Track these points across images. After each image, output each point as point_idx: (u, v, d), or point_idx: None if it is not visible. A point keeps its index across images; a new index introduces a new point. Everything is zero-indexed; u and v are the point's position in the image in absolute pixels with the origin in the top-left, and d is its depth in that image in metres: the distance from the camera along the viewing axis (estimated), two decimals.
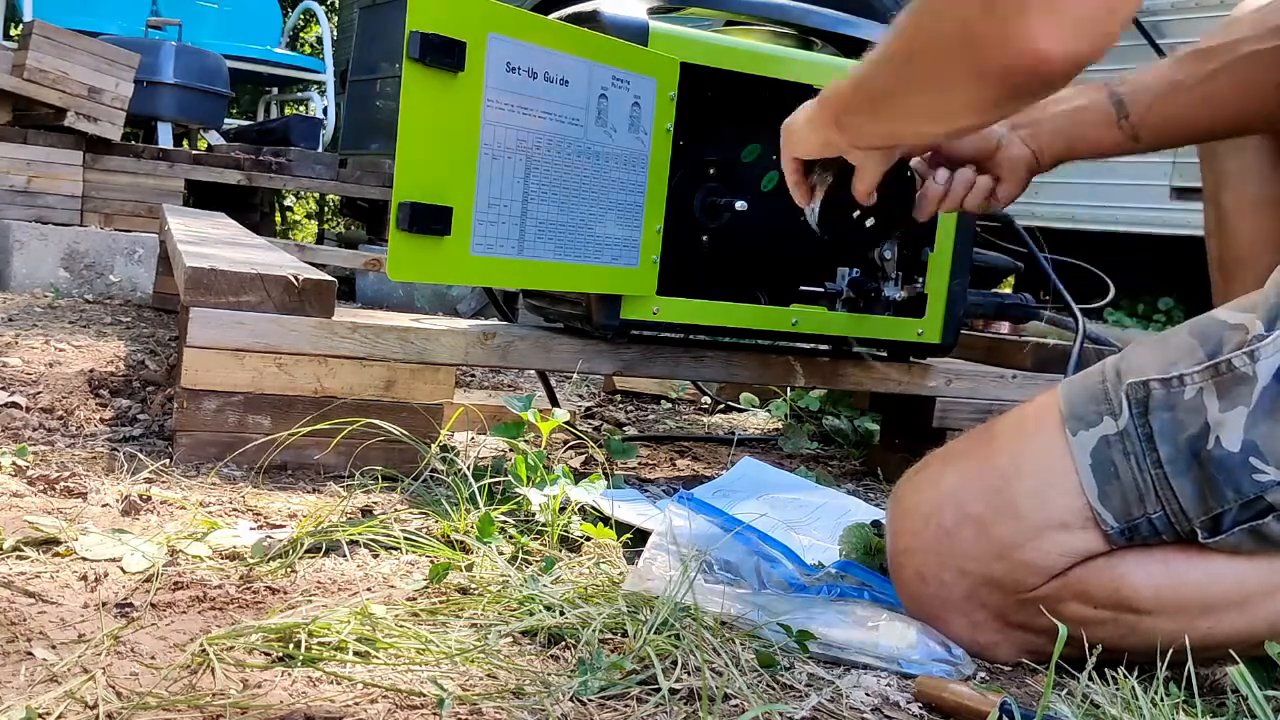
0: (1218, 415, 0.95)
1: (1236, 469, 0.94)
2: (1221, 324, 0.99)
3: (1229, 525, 0.97)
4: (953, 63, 0.91)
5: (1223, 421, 0.95)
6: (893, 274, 1.68)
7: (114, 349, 2.37)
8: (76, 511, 1.20)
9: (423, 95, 1.24)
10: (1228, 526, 0.97)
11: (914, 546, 1.07)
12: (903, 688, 0.96)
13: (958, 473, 1.07)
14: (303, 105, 7.74)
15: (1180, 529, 0.99)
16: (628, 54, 1.44)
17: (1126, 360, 1.02)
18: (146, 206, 4.11)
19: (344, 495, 1.36)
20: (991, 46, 0.86)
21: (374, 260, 3.84)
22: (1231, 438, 0.94)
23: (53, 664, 0.82)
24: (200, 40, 5.92)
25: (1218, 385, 0.96)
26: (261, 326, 1.47)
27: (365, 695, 0.82)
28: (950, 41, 0.90)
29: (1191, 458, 0.96)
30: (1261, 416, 0.94)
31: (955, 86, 0.93)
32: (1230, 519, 0.96)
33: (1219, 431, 0.95)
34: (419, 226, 1.25)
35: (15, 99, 3.88)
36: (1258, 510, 0.95)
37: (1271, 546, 0.97)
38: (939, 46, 0.92)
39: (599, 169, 1.43)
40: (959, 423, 1.83)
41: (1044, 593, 1.02)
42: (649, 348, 1.65)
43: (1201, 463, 0.96)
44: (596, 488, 1.33)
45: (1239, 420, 0.94)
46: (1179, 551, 1.00)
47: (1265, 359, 0.94)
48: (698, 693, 0.86)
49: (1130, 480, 0.98)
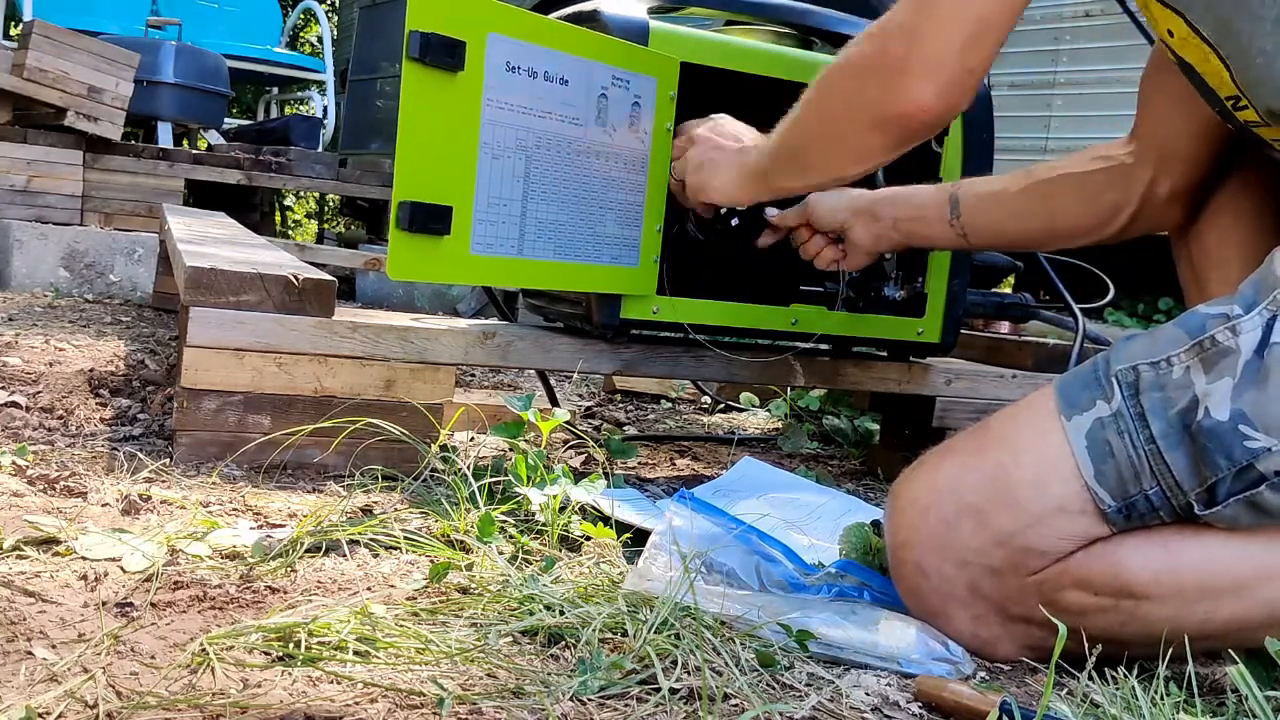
0: (1205, 387, 0.98)
1: (1227, 436, 0.96)
2: (1204, 315, 1.02)
3: (1224, 496, 0.98)
4: (857, 119, 1.17)
5: (1210, 393, 0.98)
6: (892, 273, 1.68)
7: (114, 348, 2.37)
8: (76, 511, 1.20)
9: (423, 95, 1.24)
10: (1223, 497, 0.98)
11: (913, 540, 1.07)
12: (903, 687, 0.96)
13: (955, 465, 1.09)
14: (303, 105, 7.75)
15: (1177, 504, 1.01)
16: (628, 53, 1.44)
17: (1116, 351, 1.05)
18: (146, 206, 4.11)
19: (344, 495, 1.36)
20: (886, 105, 1.13)
21: (374, 260, 3.84)
22: (1220, 407, 0.97)
23: (53, 663, 0.82)
24: (200, 40, 5.92)
25: (1203, 361, 0.99)
26: (261, 326, 1.47)
27: (365, 695, 0.82)
28: (855, 104, 1.17)
29: (1183, 430, 0.99)
30: (1247, 386, 0.96)
31: (861, 136, 1.19)
32: (1225, 489, 0.98)
33: (1207, 403, 0.97)
34: (419, 226, 1.25)
35: (15, 98, 3.88)
36: (1250, 479, 0.97)
37: (1268, 518, 0.99)
38: (846, 108, 1.19)
39: (599, 168, 1.43)
40: (959, 422, 1.83)
41: (1045, 577, 1.03)
42: (649, 347, 1.66)
43: (1193, 434, 0.98)
44: (596, 487, 1.33)
45: (1226, 390, 0.97)
46: (1177, 533, 1.02)
47: (1246, 333, 0.98)
48: (698, 692, 0.86)
49: (1125, 458, 1.01)
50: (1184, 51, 1.14)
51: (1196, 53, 1.11)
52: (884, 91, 1.12)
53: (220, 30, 6.53)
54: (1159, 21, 1.13)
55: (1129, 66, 3.04)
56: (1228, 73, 1.10)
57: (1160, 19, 1.13)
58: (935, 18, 1.09)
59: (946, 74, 1.10)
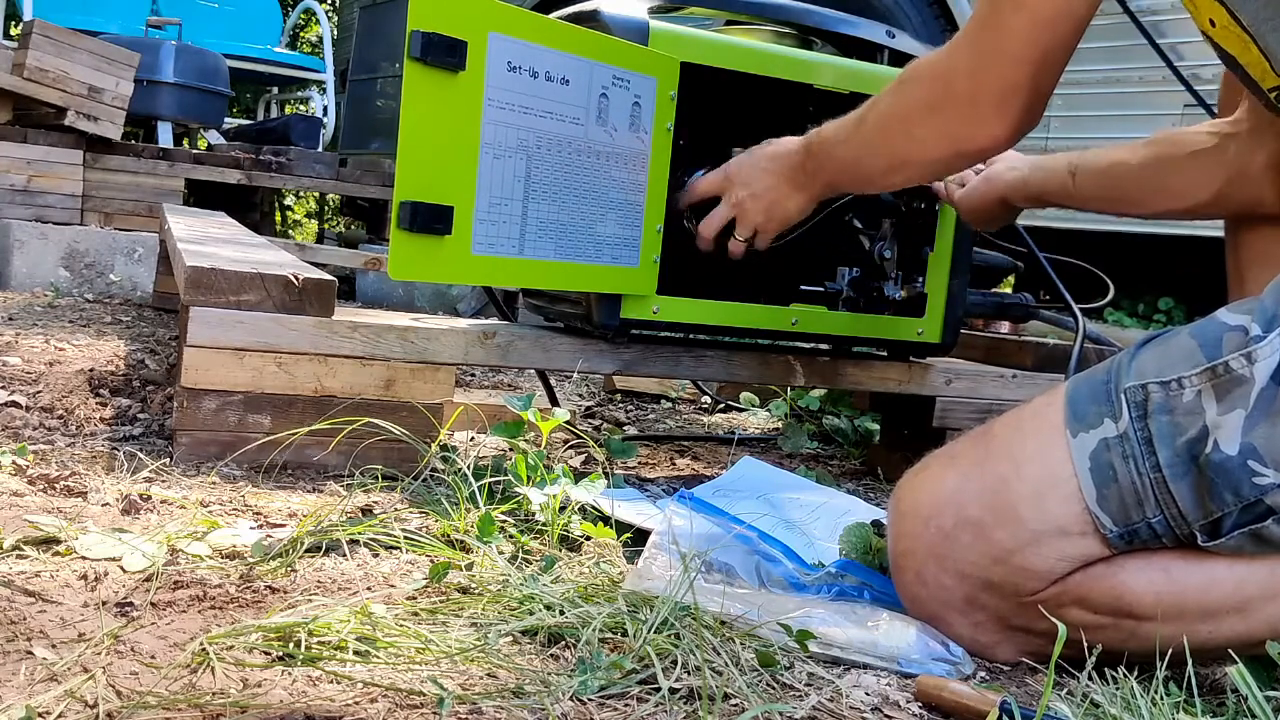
0: (1216, 418, 0.95)
1: (1235, 472, 0.94)
2: (1222, 325, 0.99)
3: (1229, 529, 0.97)
4: (931, 157, 1.25)
5: (1221, 424, 0.95)
6: (893, 273, 1.68)
7: (114, 348, 2.37)
8: (76, 510, 1.20)
9: (424, 94, 1.24)
10: (1228, 530, 0.97)
11: (914, 549, 1.07)
12: (902, 687, 0.96)
13: (958, 475, 1.07)
14: (303, 104, 7.74)
15: (1180, 533, 0.99)
16: (628, 53, 1.44)
17: (1129, 363, 1.02)
18: (146, 206, 4.10)
19: (344, 494, 1.36)
20: (961, 143, 1.20)
21: (374, 259, 3.84)
22: (1230, 441, 0.94)
23: (53, 663, 0.82)
24: (200, 39, 5.91)
25: (1215, 388, 0.96)
26: (262, 326, 1.47)
27: (365, 694, 0.82)
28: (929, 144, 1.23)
29: (1190, 461, 0.96)
30: (1259, 419, 0.94)
31: (932, 169, 1.33)
32: (1230, 522, 0.96)
33: (1217, 435, 0.95)
34: (420, 226, 1.25)
35: (15, 98, 3.88)
36: (1258, 513, 0.95)
37: (1271, 549, 0.97)
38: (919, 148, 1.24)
39: (600, 168, 1.43)
40: (959, 422, 1.83)
41: (1043, 597, 1.02)
42: (649, 347, 1.65)
43: (1200, 466, 0.96)
44: (596, 487, 1.33)
45: (1237, 423, 0.94)
46: (1179, 556, 1.00)
47: (1262, 360, 0.94)
48: (698, 692, 0.86)
49: (1129, 484, 0.98)
50: (1225, 42, 1.11)
51: (1237, 43, 1.09)
52: (957, 133, 1.18)
53: (220, 30, 6.52)
54: (1201, 10, 1.11)
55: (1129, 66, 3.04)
56: (1268, 63, 1.07)
57: (1203, 7, 1.10)
58: (1001, 61, 1.12)
59: (1018, 107, 1.13)
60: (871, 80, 1.63)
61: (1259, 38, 1.06)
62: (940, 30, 3.26)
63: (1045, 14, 1.09)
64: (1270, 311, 0.96)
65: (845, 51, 1.72)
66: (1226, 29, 1.09)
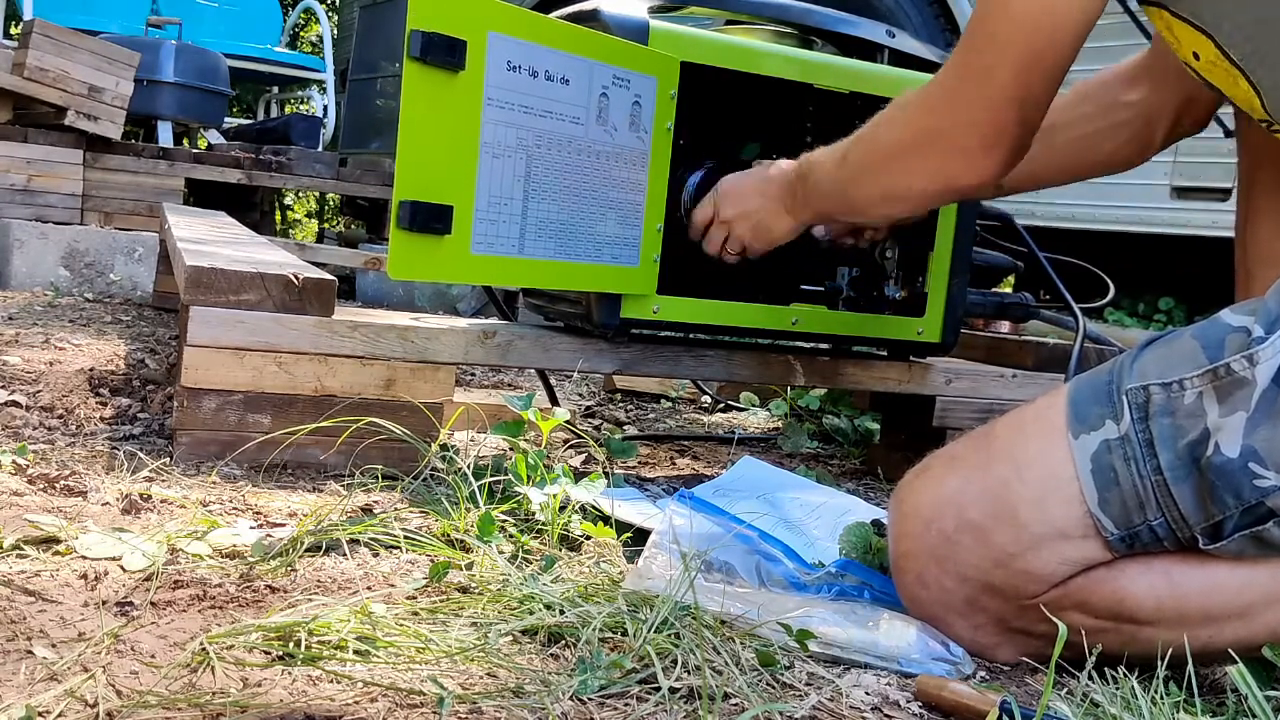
0: (1217, 420, 0.95)
1: (1236, 474, 0.94)
2: (1225, 325, 0.98)
3: (1230, 531, 0.96)
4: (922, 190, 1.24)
5: (1222, 426, 0.94)
6: (893, 273, 1.68)
7: (114, 348, 2.37)
8: (76, 510, 1.20)
9: (423, 94, 1.24)
10: (1229, 533, 0.96)
11: (915, 551, 1.06)
12: (903, 687, 0.96)
13: (959, 477, 1.06)
14: (303, 104, 7.74)
15: (1181, 536, 0.98)
16: (628, 53, 1.44)
17: (1131, 364, 1.02)
18: (146, 205, 4.11)
19: (344, 494, 1.36)
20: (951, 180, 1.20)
21: (374, 259, 3.84)
22: (1231, 444, 0.94)
23: (53, 662, 0.82)
24: (200, 39, 5.92)
25: (1217, 390, 0.95)
26: (262, 325, 1.47)
27: (365, 694, 0.82)
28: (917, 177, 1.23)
29: (1191, 464, 0.96)
30: (1261, 421, 0.93)
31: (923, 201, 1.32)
32: (1231, 525, 0.96)
33: (1218, 437, 0.94)
34: (420, 225, 1.25)
35: (16, 98, 3.88)
36: (1258, 516, 0.95)
37: (1273, 552, 0.97)
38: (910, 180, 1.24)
39: (599, 168, 1.43)
40: (959, 422, 1.83)
41: (1044, 601, 1.02)
42: (649, 347, 1.65)
43: (1201, 469, 0.96)
44: (596, 487, 1.33)
45: (1238, 425, 0.94)
46: (1180, 561, 1.00)
47: (1264, 363, 0.94)
48: (698, 691, 0.86)
49: (1130, 487, 0.98)
50: (1211, 76, 1.10)
51: (1225, 78, 1.08)
52: (949, 171, 1.19)
53: (220, 29, 6.52)
54: (1184, 44, 1.10)
55: None
56: (1258, 99, 1.06)
57: (1185, 41, 1.09)
58: (987, 107, 1.12)
59: (1006, 148, 1.14)
60: (871, 80, 1.63)
61: (1249, 72, 1.05)
62: (940, 30, 3.26)
63: (1027, 58, 1.09)
64: (1273, 313, 0.96)
65: (845, 51, 1.72)
66: (1214, 64, 1.08)
